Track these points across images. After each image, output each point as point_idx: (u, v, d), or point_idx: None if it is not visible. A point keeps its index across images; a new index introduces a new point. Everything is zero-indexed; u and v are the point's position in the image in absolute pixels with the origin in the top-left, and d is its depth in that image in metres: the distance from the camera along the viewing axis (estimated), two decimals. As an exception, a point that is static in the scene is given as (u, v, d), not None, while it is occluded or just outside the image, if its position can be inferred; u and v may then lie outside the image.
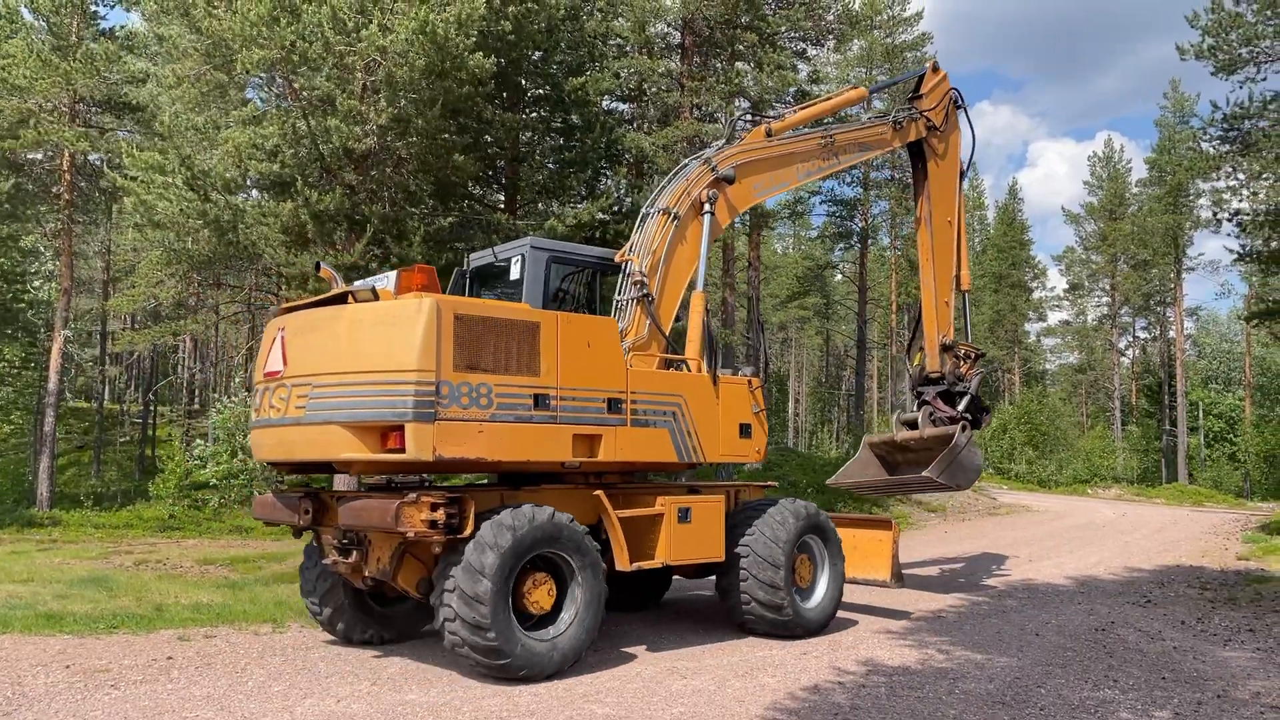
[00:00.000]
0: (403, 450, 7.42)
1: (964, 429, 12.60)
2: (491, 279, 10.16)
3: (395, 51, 13.96)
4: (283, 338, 8.32)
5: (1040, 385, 75.03)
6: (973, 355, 13.77)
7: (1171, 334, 58.59)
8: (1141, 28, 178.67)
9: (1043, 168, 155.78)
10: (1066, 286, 68.54)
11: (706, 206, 10.51)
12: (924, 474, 12.20)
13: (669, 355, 9.88)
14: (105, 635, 9.84)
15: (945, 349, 13.57)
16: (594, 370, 8.57)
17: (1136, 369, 69.12)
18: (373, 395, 7.55)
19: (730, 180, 10.83)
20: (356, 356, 7.71)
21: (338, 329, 7.91)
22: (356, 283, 8.67)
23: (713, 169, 10.74)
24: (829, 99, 13.57)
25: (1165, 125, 54.13)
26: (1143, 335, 68.51)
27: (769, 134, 11.69)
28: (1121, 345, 66.15)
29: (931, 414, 13.31)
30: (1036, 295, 71.84)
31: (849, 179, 39.11)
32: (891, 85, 20.64)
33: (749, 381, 10.21)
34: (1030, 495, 39.56)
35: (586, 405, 8.49)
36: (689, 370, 9.86)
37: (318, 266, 10.18)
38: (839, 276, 63.22)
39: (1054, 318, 74.20)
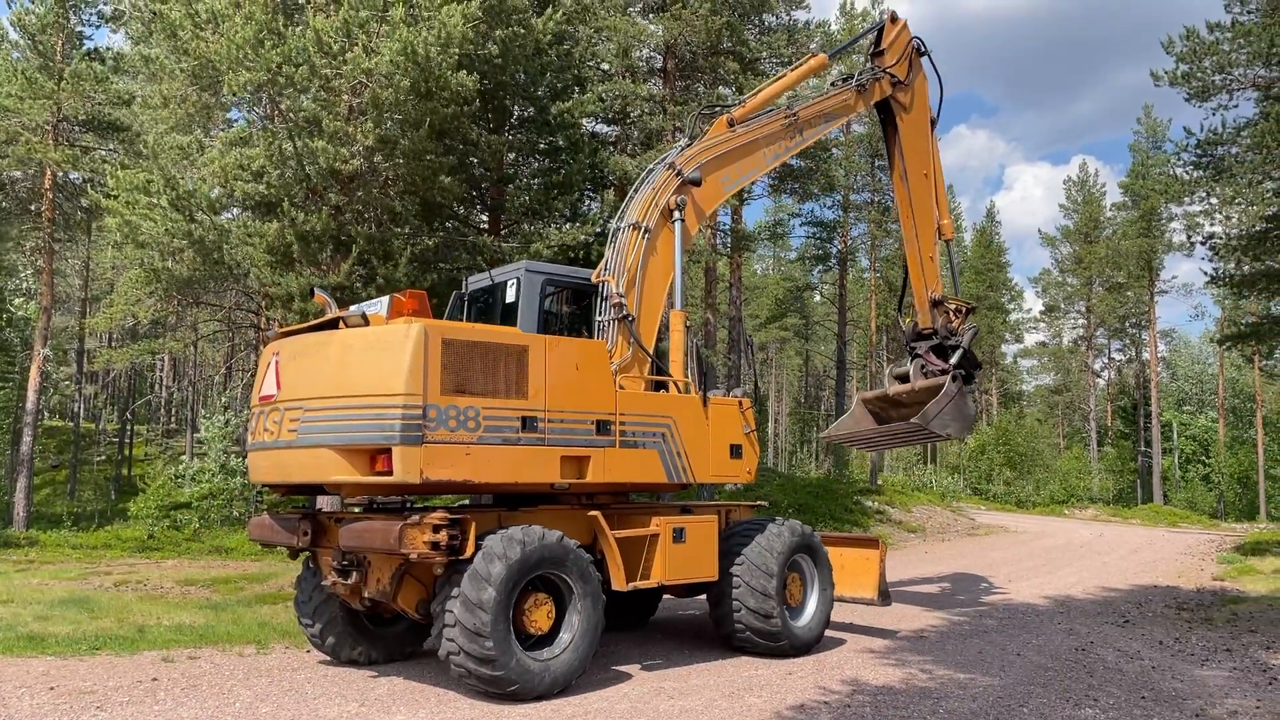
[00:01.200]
0: (390, 473, 7.48)
1: (954, 379, 12.45)
2: (488, 303, 10.24)
3: (380, 73, 14.08)
4: (277, 362, 8.39)
5: (1017, 406, 75.76)
6: (963, 309, 13.55)
7: (1146, 356, 59.46)
8: (1115, 53, 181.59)
9: (1019, 190, 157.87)
10: (1043, 308, 69.34)
11: (676, 214, 10.38)
12: (913, 420, 12.11)
13: (655, 376, 9.91)
14: (88, 657, 9.78)
15: (935, 304, 13.37)
16: (582, 392, 8.66)
17: (1112, 390, 69.88)
18: (361, 419, 7.63)
19: (697, 183, 10.64)
20: (346, 381, 7.79)
21: (329, 354, 7.99)
22: (351, 308, 8.72)
23: (678, 173, 10.53)
24: (789, 73, 12.88)
25: (1139, 150, 54.99)
26: (1118, 357, 69.44)
27: (731, 124, 11.36)
28: (1097, 367, 66.92)
29: (923, 367, 13.19)
30: (1014, 317, 72.65)
31: (828, 202, 39.47)
32: (851, 45, 19.70)
33: (739, 402, 10.21)
34: (1008, 516, 39.85)
35: (575, 427, 8.57)
36: (676, 390, 9.93)
37: (311, 291, 10.29)
38: (818, 298, 63.67)
39: (1031, 339, 75.07)
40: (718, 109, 12.02)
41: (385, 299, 8.44)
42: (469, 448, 7.81)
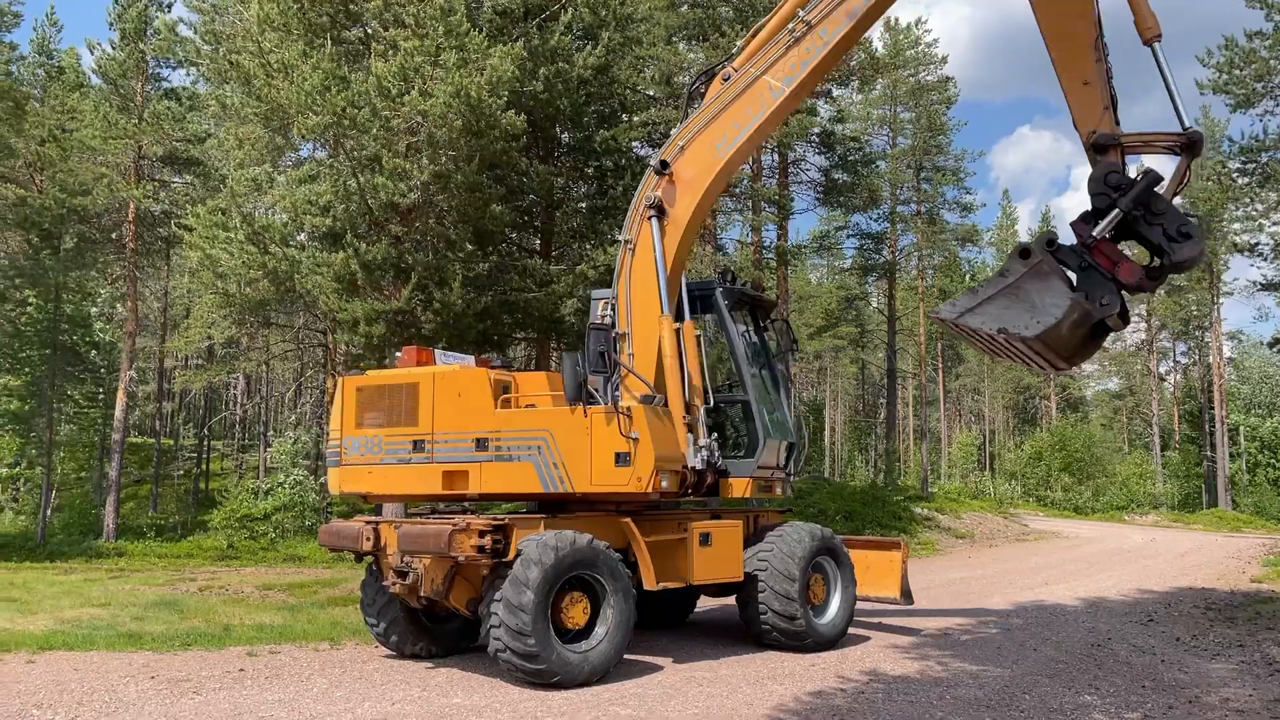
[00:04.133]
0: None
1: (1026, 253, 8.00)
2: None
3: (435, 114, 15.20)
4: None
5: (1080, 412, 74.82)
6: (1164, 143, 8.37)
7: (1210, 359, 58.44)
8: (1181, 53, 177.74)
9: (1085, 191, 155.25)
10: (1102, 312, 68.31)
11: (651, 213, 10.23)
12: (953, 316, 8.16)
13: (645, 392, 10.00)
14: (182, 651, 10.90)
15: (1098, 149, 8.44)
16: (464, 415, 9.84)
17: (1178, 394, 68.74)
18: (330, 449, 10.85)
19: (666, 166, 10.21)
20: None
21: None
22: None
23: (655, 167, 10.32)
24: None
25: (1196, 151, 54.22)
26: (1183, 360, 68.32)
27: (727, 79, 10.24)
28: (1162, 370, 65.96)
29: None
30: (1073, 321, 71.69)
31: (875, 214, 39.92)
32: None
33: (622, 410, 9.43)
34: (1065, 522, 39.81)
35: (457, 446, 9.85)
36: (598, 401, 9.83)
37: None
38: (873, 305, 63.84)
39: (1091, 344, 73.92)
40: (718, 68, 10.59)
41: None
42: (371, 468, 10.25)
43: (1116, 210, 7.98)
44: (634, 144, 23.29)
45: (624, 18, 20.42)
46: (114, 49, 29.36)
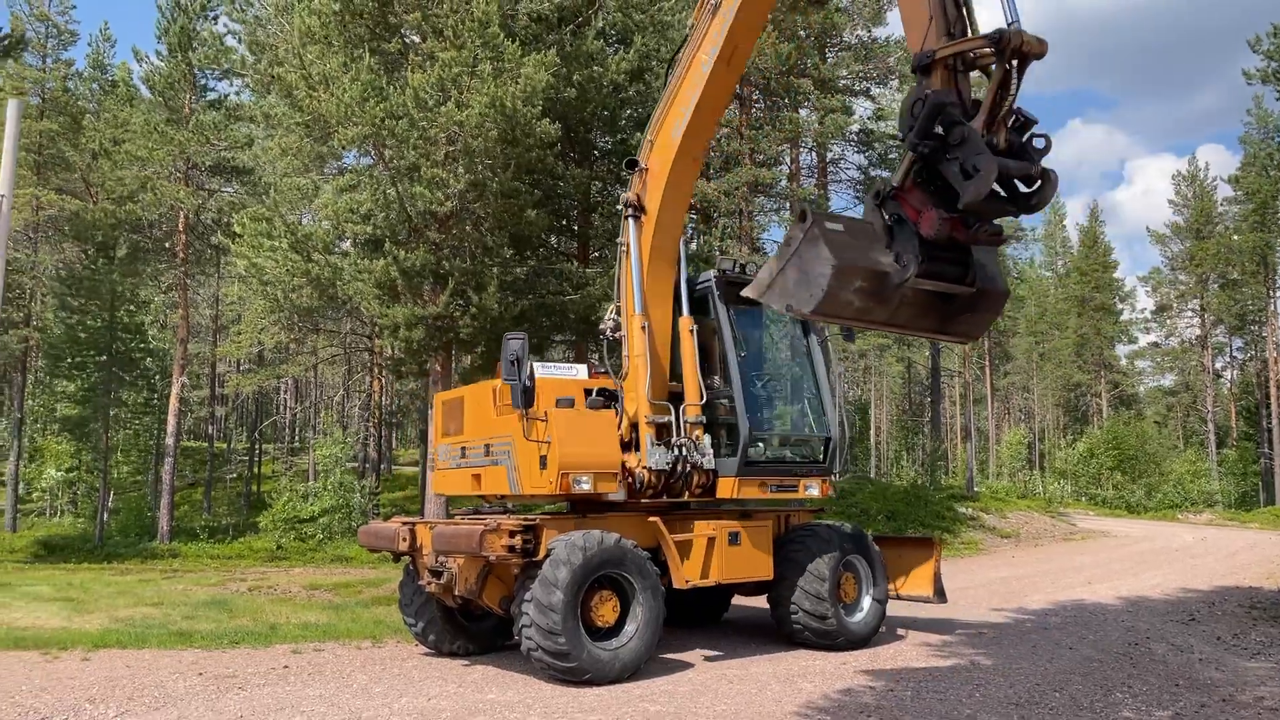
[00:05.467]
0: None
1: (802, 215, 6.60)
2: None
3: (471, 124, 15.49)
4: None
5: (1134, 409, 73.42)
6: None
7: (1268, 354, 57.06)
8: (1235, 43, 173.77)
9: (1141, 184, 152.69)
10: (1154, 308, 67.24)
11: (630, 211, 10.38)
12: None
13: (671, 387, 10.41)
14: (229, 649, 11.25)
15: (918, 70, 6.59)
16: (480, 424, 10.53)
17: (1234, 390, 67.24)
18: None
19: (636, 164, 10.36)
20: None
21: None
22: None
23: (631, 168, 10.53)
24: None
25: (1250, 142, 53.17)
26: (1239, 355, 66.81)
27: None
28: (1218, 366, 64.57)
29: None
30: (1126, 317, 70.62)
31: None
32: None
33: (543, 413, 9.62)
34: (1115, 521, 39.19)
35: (477, 451, 10.57)
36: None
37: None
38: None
39: (1145, 340, 72.77)
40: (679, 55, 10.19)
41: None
42: (444, 471, 11.35)
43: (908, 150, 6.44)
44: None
45: (660, 24, 20.56)
46: (161, 61, 30.18)
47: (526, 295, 18.41)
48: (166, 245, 33.76)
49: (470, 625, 10.74)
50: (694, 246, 21.11)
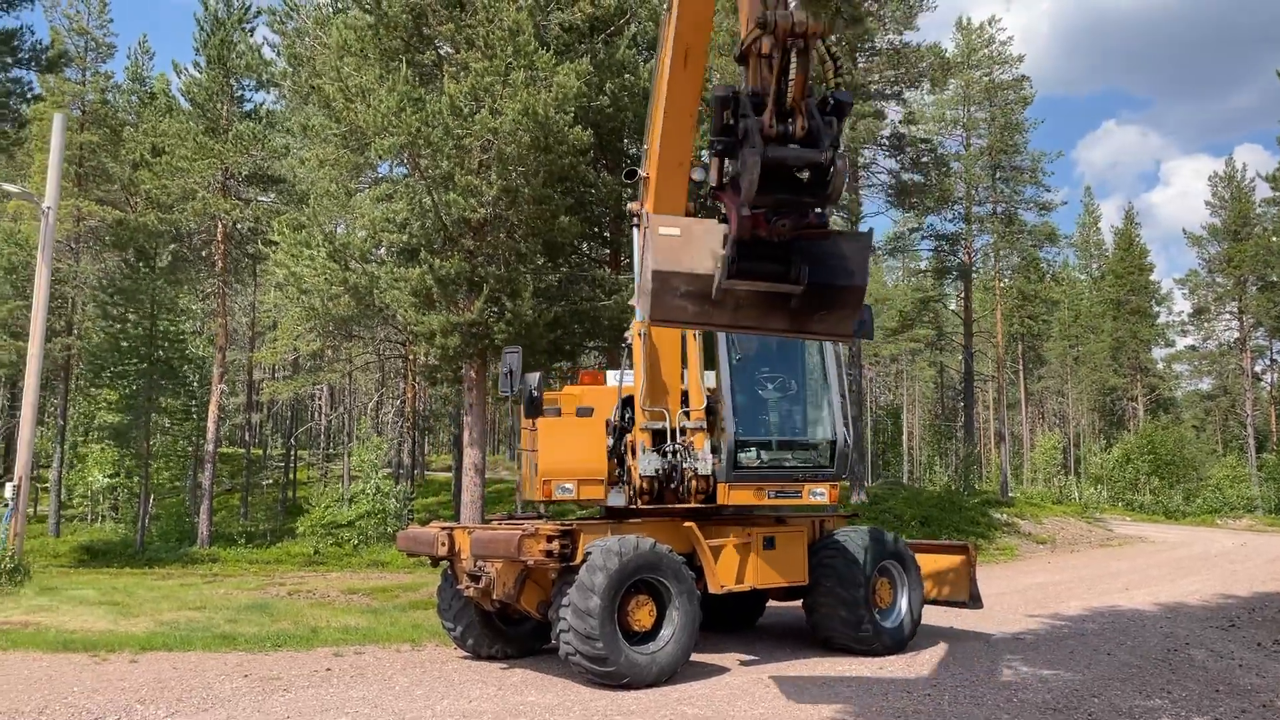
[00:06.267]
0: None
1: (640, 221, 7.72)
2: None
3: (504, 132, 15.68)
4: None
5: (1171, 413, 72.34)
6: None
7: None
8: (1271, 41, 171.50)
9: (1177, 185, 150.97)
10: (1191, 311, 66.31)
11: (635, 221, 10.47)
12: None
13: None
14: (272, 652, 11.45)
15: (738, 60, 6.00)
16: (529, 433, 10.81)
17: (1274, 394, 66.13)
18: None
19: (635, 174, 10.38)
20: None
21: None
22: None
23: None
24: None
25: (1287, 141, 52.38)
26: (1279, 359, 65.65)
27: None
28: (1257, 369, 63.53)
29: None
30: (1162, 320, 69.70)
31: (949, 215, 39.43)
32: None
33: (533, 423, 10.31)
34: (1152, 527, 38.70)
35: (527, 458, 11.01)
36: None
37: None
38: (952, 306, 62.88)
39: (1182, 343, 71.72)
40: None
41: None
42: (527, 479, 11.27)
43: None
44: (701, 153, 23.51)
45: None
46: (200, 72, 30.71)
47: (559, 301, 18.58)
48: (204, 254, 34.32)
49: (508, 629, 10.86)
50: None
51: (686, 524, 9.95)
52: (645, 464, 10.08)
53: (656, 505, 10.22)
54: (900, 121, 30.17)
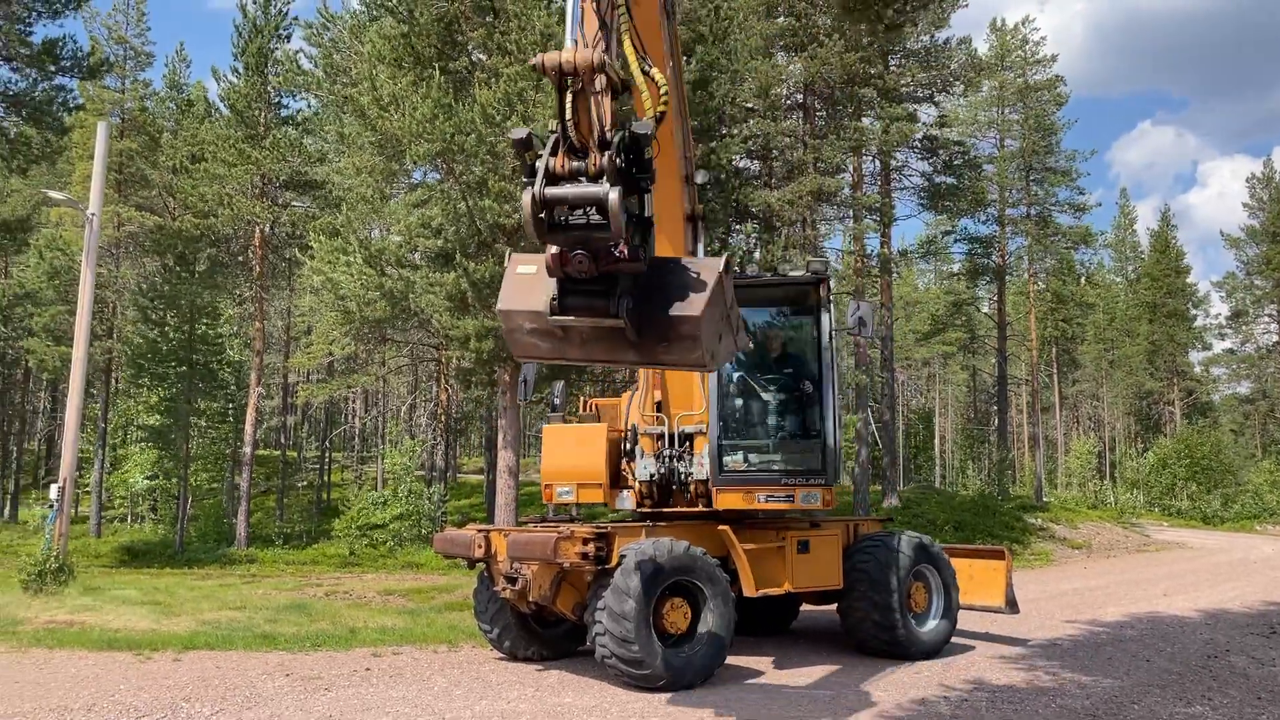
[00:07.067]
0: None
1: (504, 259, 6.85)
2: None
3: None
4: None
5: (1209, 418, 71.26)
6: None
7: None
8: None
9: (1214, 186, 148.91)
10: (1229, 313, 65.33)
11: None
12: None
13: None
14: (312, 652, 11.60)
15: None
16: None
17: (1315, 397, 64.99)
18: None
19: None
20: None
21: None
22: None
23: None
24: None
25: (1328, 141, 51.54)
26: (1319, 361, 64.48)
27: None
28: (1298, 372, 62.41)
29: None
30: (1200, 323, 68.70)
31: (983, 217, 39.15)
32: None
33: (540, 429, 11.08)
34: (1190, 532, 38.17)
35: None
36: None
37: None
38: (985, 309, 62.38)
39: (1220, 346, 70.65)
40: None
41: None
42: None
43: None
44: (733, 157, 23.54)
45: (720, 32, 20.72)
46: (238, 79, 31.15)
47: (592, 306, 18.68)
48: (241, 259, 34.82)
49: (544, 631, 10.94)
50: (757, 255, 21.20)
51: (721, 527, 9.99)
52: (642, 468, 10.42)
53: (656, 509, 10.53)
54: (933, 124, 30.02)
